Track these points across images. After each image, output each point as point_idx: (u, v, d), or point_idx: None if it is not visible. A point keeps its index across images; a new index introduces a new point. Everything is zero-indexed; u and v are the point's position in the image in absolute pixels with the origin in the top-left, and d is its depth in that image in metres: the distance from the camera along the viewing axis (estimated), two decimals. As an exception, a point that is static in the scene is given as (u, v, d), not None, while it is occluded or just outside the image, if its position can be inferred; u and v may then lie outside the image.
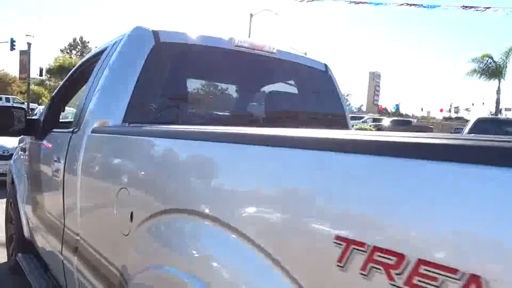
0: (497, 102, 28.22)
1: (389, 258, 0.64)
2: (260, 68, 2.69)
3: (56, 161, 2.37)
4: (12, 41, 25.39)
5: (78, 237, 1.96)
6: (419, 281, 0.61)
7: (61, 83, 3.27)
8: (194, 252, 1.13)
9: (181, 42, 2.30)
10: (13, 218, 3.74)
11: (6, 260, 3.84)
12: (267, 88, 2.92)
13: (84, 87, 2.54)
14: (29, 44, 24.83)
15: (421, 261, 0.61)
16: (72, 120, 2.70)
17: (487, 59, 26.52)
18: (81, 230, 1.95)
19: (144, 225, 1.34)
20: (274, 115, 2.69)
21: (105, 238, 1.70)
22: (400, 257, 0.63)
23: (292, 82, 3.02)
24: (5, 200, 4.17)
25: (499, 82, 27.16)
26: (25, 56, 26.07)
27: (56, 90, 3.27)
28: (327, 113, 3.01)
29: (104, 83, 2.15)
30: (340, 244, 0.72)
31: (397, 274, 0.63)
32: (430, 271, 0.60)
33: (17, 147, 4.02)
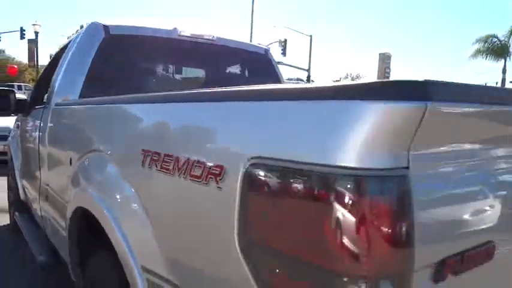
0: (503, 82, 28.05)
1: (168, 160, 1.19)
2: (200, 53, 3.21)
3: (33, 131, 2.98)
4: (22, 30, 26.20)
5: (47, 187, 2.57)
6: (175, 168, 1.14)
7: (45, 67, 3.87)
8: (99, 176, 1.72)
9: (129, 34, 2.85)
10: (12, 187, 4.39)
11: (8, 223, 4.53)
12: (208, 71, 3.46)
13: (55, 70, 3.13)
14: (36, 33, 25.63)
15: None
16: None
17: (491, 38, 26.33)
18: (49, 181, 2.56)
19: (75, 164, 1.94)
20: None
21: (61, 182, 2.31)
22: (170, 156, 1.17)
23: (232, 65, 3.54)
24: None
25: (505, 61, 26.98)
26: (33, 44, 26.91)
27: (40, 74, 3.87)
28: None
29: (66, 67, 2.72)
30: (144, 153, 1.29)
31: (170, 168, 1.15)
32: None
33: (13, 126, 4.67)
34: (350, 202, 0.69)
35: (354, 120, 0.69)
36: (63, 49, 3.22)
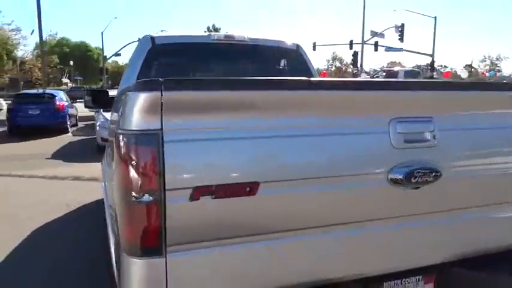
0: None
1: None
2: (234, 54, 3.78)
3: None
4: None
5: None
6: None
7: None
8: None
9: (171, 42, 3.58)
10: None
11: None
12: (242, 69, 3.99)
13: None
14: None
15: None
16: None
17: None
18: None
19: None
20: None
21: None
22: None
23: (264, 62, 4.02)
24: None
25: None
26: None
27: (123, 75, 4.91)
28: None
29: (127, 70, 3.58)
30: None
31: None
32: None
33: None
34: (133, 147, 1.21)
35: (134, 103, 1.21)
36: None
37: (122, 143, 1.24)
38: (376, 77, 24.62)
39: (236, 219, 1.31)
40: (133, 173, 1.23)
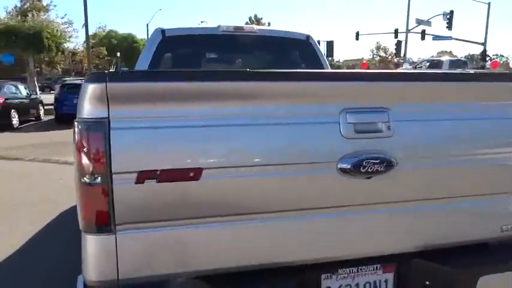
0: None
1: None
2: (242, 45, 3.85)
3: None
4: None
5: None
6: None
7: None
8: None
9: (180, 35, 3.70)
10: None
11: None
12: (251, 60, 4.04)
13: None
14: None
15: None
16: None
17: None
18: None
19: None
20: None
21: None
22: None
23: (274, 53, 4.05)
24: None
25: None
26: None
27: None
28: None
29: (138, 62, 3.75)
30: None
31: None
32: None
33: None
34: (84, 134, 1.33)
35: (85, 94, 1.33)
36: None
37: (76, 130, 1.36)
38: (419, 67, 23.67)
39: (181, 203, 1.40)
40: (84, 158, 1.34)
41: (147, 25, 46.03)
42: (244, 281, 1.51)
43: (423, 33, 29.78)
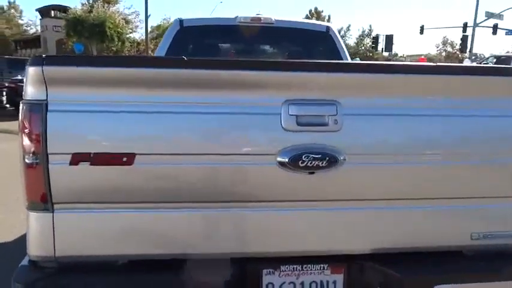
0: None
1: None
2: (259, 36, 3.81)
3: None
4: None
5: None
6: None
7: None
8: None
9: (198, 25, 3.74)
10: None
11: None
12: (268, 52, 3.97)
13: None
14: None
15: None
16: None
17: None
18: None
19: None
20: None
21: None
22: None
23: (292, 45, 3.96)
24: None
25: None
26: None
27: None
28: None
29: (156, 51, 3.84)
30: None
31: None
32: None
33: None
34: (25, 115, 1.39)
35: (27, 76, 1.39)
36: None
37: (20, 110, 1.43)
38: (485, 63, 22.00)
39: (114, 186, 1.43)
40: (25, 138, 1.41)
41: (208, 17, 46.74)
42: (178, 268, 1.51)
43: (495, 28, 27.66)
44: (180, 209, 1.47)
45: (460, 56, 37.02)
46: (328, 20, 52.00)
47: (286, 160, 1.42)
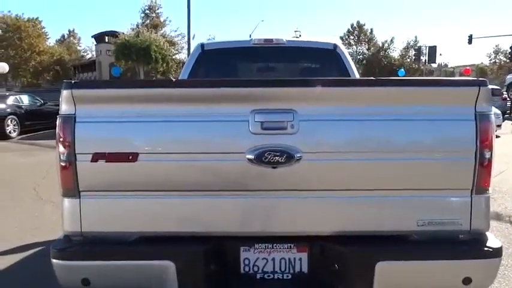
0: None
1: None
2: (271, 56, 4.23)
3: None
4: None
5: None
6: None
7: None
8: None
9: (217, 48, 4.23)
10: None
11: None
12: (282, 71, 4.36)
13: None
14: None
15: None
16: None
17: None
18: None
19: None
20: None
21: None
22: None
23: (303, 63, 4.33)
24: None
25: None
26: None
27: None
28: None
29: (181, 73, 4.36)
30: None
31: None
32: None
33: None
34: (60, 125, 1.88)
35: (61, 97, 1.90)
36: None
37: (57, 122, 1.94)
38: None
39: (124, 178, 1.89)
40: (60, 142, 1.91)
41: (250, 35, 48.09)
42: (175, 242, 1.93)
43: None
44: (173, 196, 1.90)
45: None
46: (371, 33, 51.70)
47: (253, 157, 1.82)
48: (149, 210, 1.93)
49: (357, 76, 4.38)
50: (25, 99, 15.75)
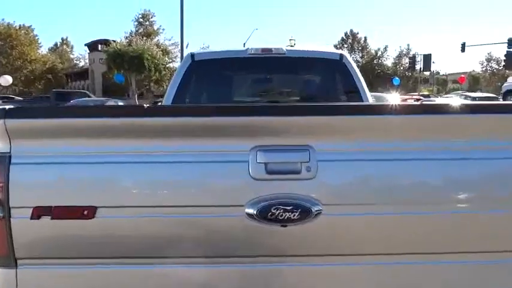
0: None
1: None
2: (270, 67, 3.74)
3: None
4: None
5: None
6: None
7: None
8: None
9: (208, 58, 3.74)
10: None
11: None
12: (280, 83, 3.88)
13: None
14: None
15: None
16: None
17: None
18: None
19: None
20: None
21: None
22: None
23: (304, 74, 3.86)
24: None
25: None
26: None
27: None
28: (335, 95, 3.68)
29: (169, 85, 3.86)
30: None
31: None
32: None
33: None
34: (1, 167, 1.37)
35: None
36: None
37: None
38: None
39: (76, 241, 1.37)
40: None
41: (244, 44, 47.86)
42: None
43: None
44: (144, 265, 1.39)
45: (506, 73, 35.32)
46: (365, 41, 51.51)
47: (255, 212, 1.31)
48: (114, 286, 1.41)
49: (366, 91, 3.89)
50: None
